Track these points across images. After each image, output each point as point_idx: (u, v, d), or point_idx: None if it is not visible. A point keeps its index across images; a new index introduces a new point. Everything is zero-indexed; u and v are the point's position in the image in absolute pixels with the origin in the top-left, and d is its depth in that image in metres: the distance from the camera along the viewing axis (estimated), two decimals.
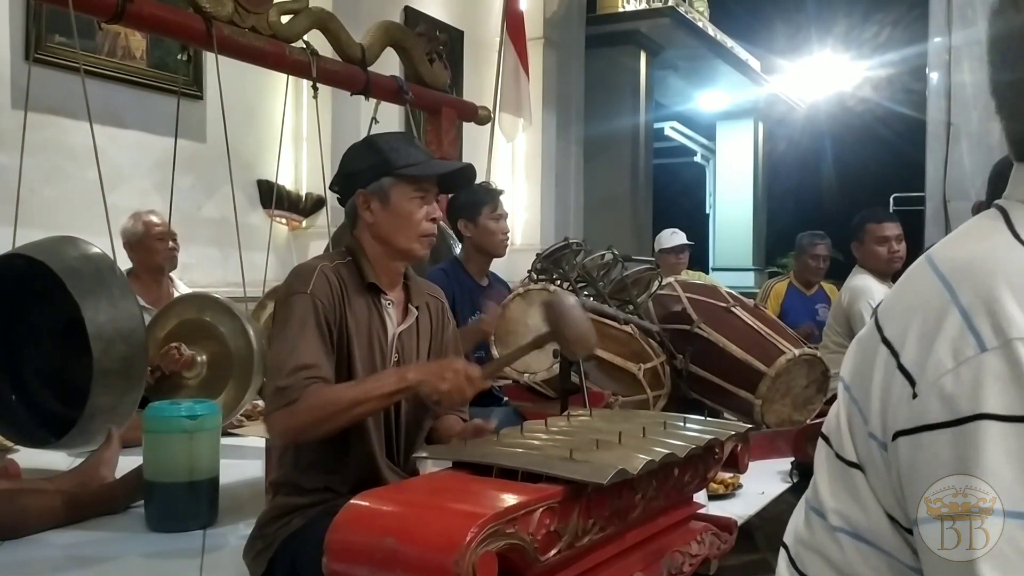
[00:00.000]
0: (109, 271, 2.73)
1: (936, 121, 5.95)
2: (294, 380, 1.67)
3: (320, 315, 1.75)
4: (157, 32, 3.64)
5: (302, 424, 1.68)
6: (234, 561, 1.96)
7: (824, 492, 0.83)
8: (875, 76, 13.81)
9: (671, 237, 5.64)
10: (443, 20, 7.15)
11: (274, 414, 1.70)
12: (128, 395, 2.70)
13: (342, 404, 1.67)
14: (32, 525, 2.37)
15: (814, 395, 3.44)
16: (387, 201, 1.84)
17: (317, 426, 1.69)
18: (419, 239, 1.87)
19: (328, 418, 1.67)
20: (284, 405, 1.67)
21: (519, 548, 1.30)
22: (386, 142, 1.89)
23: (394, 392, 1.70)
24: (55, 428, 2.78)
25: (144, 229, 3.83)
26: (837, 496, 0.81)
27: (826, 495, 0.82)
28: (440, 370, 1.69)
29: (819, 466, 0.86)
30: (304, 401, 1.66)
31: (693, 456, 1.70)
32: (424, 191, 1.86)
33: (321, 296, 1.76)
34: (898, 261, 3.99)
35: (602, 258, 3.64)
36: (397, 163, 1.83)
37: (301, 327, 1.72)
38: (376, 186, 1.84)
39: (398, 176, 1.83)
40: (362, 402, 1.68)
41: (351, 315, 1.81)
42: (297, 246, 5.84)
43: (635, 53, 10.25)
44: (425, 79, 4.35)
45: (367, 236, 1.88)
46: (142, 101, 4.95)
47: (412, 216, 1.85)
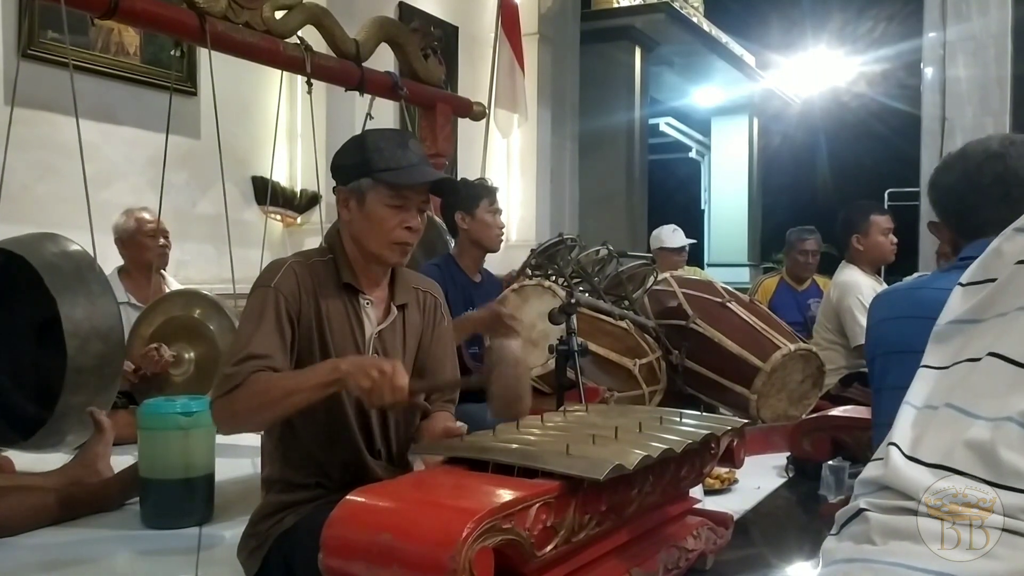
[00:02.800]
0: (88, 268, 2.70)
1: (931, 116, 5.96)
2: (240, 368, 1.64)
3: (281, 309, 1.72)
4: (150, 28, 3.62)
5: (239, 411, 1.64)
6: (230, 558, 1.96)
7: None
8: (870, 71, 13.82)
9: (672, 235, 5.54)
10: (438, 16, 7.14)
11: (216, 400, 1.67)
12: (101, 394, 2.67)
13: (275, 393, 1.63)
14: (25, 523, 2.36)
15: (809, 390, 3.44)
16: (363, 203, 1.80)
17: (253, 414, 1.65)
18: (390, 246, 1.81)
19: (262, 406, 1.64)
20: (226, 392, 1.64)
21: (515, 543, 1.30)
22: (374, 141, 1.82)
23: (326, 383, 1.63)
24: (25, 428, 2.73)
25: (136, 226, 3.82)
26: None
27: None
28: (368, 367, 1.60)
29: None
30: (243, 388, 1.63)
31: (689, 451, 1.70)
32: (403, 199, 1.79)
33: (285, 291, 1.73)
34: (895, 252, 4.03)
35: (597, 254, 3.65)
36: (377, 166, 1.77)
37: (259, 319, 1.70)
38: (355, 185, 1.80)
39: (376, 179, 1.78)
40: (295, 392, 1.63)
41: (324, 313, 1.78)
42: (292, 243, 5.82)
43: (630, 49, 10.24)
44: (420, 75, 4.34)
45: (346, 234, 1.87)
46: (136, 97, 4.93)
47: (385, 222, 1.79)
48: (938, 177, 1.75)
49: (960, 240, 1.72)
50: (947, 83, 5.85)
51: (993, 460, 0.74)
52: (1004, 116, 5.72)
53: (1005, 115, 5.72)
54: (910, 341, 1.52)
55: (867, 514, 0.83)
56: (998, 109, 5.74)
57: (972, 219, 1.67)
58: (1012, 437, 0.74)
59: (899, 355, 1.59)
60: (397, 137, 1.88)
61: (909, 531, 0.77)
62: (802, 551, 2.16)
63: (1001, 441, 0.74)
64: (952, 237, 1.76)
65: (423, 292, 2.00)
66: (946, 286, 1.58)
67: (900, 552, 0.76)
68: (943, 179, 1.73)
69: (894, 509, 0.80)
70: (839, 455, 2.73)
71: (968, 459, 0.76)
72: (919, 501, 0.77)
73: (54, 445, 2.78)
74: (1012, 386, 0.77)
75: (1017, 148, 1.63)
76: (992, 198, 1.62)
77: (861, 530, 0.83)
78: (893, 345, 1.65)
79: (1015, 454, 0.73)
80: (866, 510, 0.83)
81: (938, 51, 5.90)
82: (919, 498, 0.77)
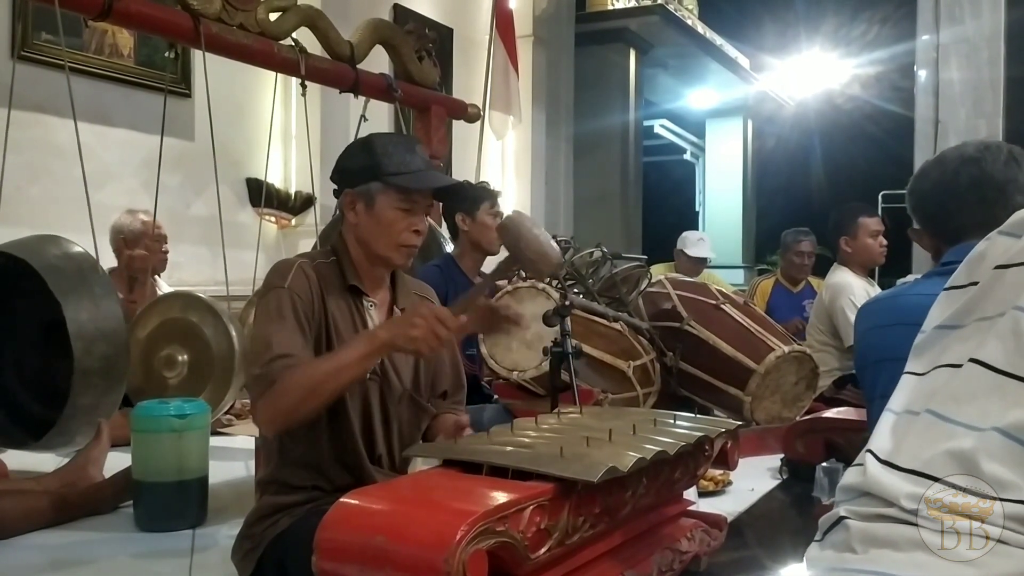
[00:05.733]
0: (91, 270, 2.71)
1: (924, 118, 5.98)
2: (270, 367, 1.65)
3: (298, 309, 1.73)
4: (144, 29, 3.62)
5: (285, 406, 1.65)
6: (223, 561, 1.96)
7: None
8: (863, 74, 13.86)
9: (696, 245, 5.57)
10: (432, 18, 7.14)
11: (256, 403, 1.68)
12: (109, 395, 2.67)
13: (318, 377, 1.64)
14: (18, 526, 2.35)
15: (803, 392, 3.45)
16: (372, 205, 1.82)
17: (300, 405, 1.66)
18: (398, 248, 1.84)
19: (309, 395, 1.65)
20: (263, 392, 1.65)
21: (509, 546, 1.30)
22: (382, 145, 1.84)
23: (368, 353, 1.67)
24: (34, 429, 2.75)
25: (142, 228, 3.82)
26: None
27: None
28: (407, 320, 1.66)
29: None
30: (281, 384, 1.64)
31: (683, 453, 1.70)
32: (411, 202, 1.82)
33: (299, 291, 1.75)
34: (884, 255, 4.03)
35: (591, 256, 3.64)
36: (387, 169, 1.80)
37: (279, 320, 1.71)
38: (364, 188, 1.82)
39: (386, 183, 1.80)
40: (338, 371, 1.65)
41: (330, 315, 1.79)
42: (286, 244, 5.81)
43: (624, 51, 10.25)
44: (414, 77, 4.34)
45: (351, 236, 1.88)
46: (130, 99, 4.92)
47: (394, 225, 1.82)
48: (916, 184, 1.76)
49: (941, 245, 1.73)
50: (940, 85, 5.87)
51: (974, 469, 0.73)
52: (997, 119, 5.74)
53: (998, 117, 5.74)
54: (896, 349, 1.51)
55: (847, 522, 0.82)
56: (991, 111, 5.76)
57: (951, 224, 1.68)
58: (994, 446, 0.73)
59: (887, 363, 1.59)
60: (404, 142, 1.91)
61: (889, 538, 0.76)
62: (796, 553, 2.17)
63: (983, 450, 0.74)
64: (933, 243, 1.77)
65: (420, 297, 2.02)
66: (928, 291, 1.59)
67: (882, 560, 0.76)
68: (920, 185, 1.74)
69: (873, 516, 0.80)
70: (833, 457, 2.73)
71: (948, 467, 0.75)
72: (899, 507, 0.77)
73: (64, 446, 2.79)
74: (992, 393, 0.77)
75: (992, 153, 1.65)
76: (969, 202, 1.64)
77: (842, 538, 0.82)
78: (880, 354, 1.65)
79: (996, 464, 0.72)
80: (846, 518, 0.83)
81: (931, 54, 5.92)
82: (898, 504, 0.77)
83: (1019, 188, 1.63)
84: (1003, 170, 1.63)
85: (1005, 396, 0.76)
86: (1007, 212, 1.59)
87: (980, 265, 0.89)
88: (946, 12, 5.83)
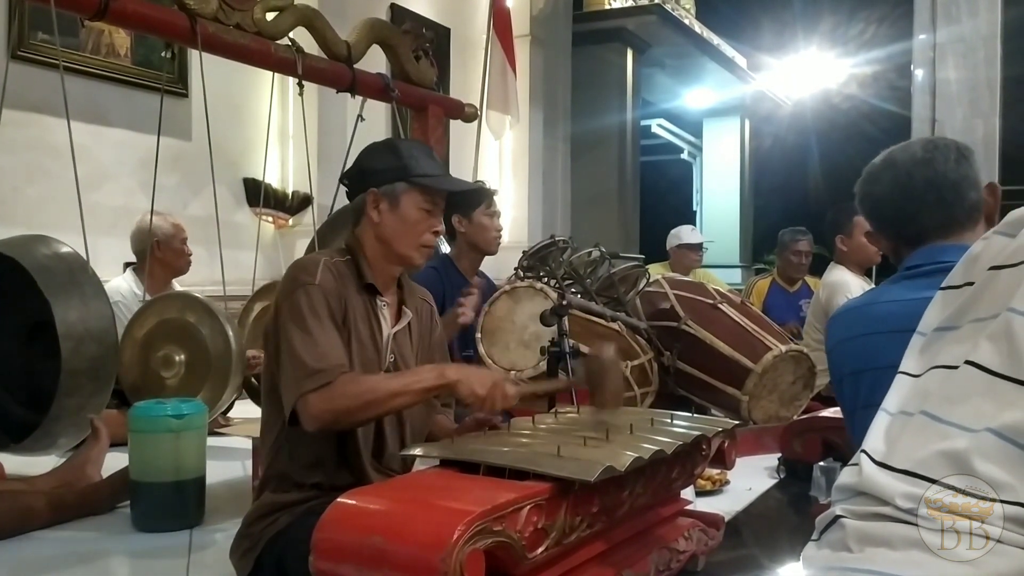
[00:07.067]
0: (81, 270, 2.69)
1: (921, 118, 5.98)
2: (327, 365, 1.68)
3: (331, 306, 1.77)
4: (141, 29, 3.61)
5: (342, 408, 1.68)
6: (221, 560, 1.96)
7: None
8: (860, 73, 13.88)
9: (691, 233, 5.75)
10: (429, 17, 7.14)
11: (308, 396, 1.68)
12: (95, 397, 2.66)
13: (380, 393, 1.70)
14: (15, 526, 2.35)
15: (800, 391, 3.45)
16: (397, 205, 1.87)
17: (355, 412, 1.70)
18: (419, 248, 1.90)
19: (367, 406, 1.69)
20: (318, 388, 1.67)
21: (506, 545, 1.30)
22: (407, 148, 1.93)
23: (432, 387, 1.73)
24: (14, 432, 2.72)
25: (173, 231, 3.84)
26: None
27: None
28: (482, 377, 1.75)
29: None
30: (341, 386, 1.67)
31: (681, 453, 1.70)
32: (433, 204, 1.90)
33: (328, 288, 1.78)
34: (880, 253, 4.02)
35: (589, 255, 3.65)
36: (415, 171, 1.87)
37: (318, 318, 1.73)
38: (389, 188, 1.87)
39: (413, 184, 1.87)
40: (401, 394, 1.71)
41: (351, 312, 1.82)
42: (284, 244, 5.81)
43: (622, 50, 10.26)
44: (411, 76, 4.33)
45: (370, 236, 1.90)
46: (127, 99, 4.91)
47: (418, 225, 1.88)
48: (868, 188, 1.72)
49: (902, 248, 1.71)
50: (937, 85, 5.87)
51: (968, 469, 0.74)
52: (994, 118, 5.75)
53: (995, 117, 5.75)
54: (875, 358, 1.51)
55: (843, 521, 0.83)
56: (988, 111, 5.77)
57: (911, 227, 1.66)
58: (987, 447, 0.74)
59: (866, 373, 1.58)
60: (423, 147, 2.01)
61: (885, 537, 0.77)
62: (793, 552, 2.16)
63: (976, 451, 0.74)
64: (892, 245, 1.74)
65: (420, 300, 2.05)
66: (900, 297, 1.59)
67: (878, 559, 0.76)
68: (873, 190, 1.71)
69: (869, 515, 0.80)
70: (830, 456, 2.74)
71: (941, 467, 0.76)
72: (894, 506, 0.77)
73: (46, 448, 2.77)
74: (986, 395, 0.77)
75: (942, 152, 1.64)
76: (928, 204, 1.62)
77: (838, 537, 0.83)
78: (858, 364, 1.63)
79: (991, 464, 0.73)
80: (842, 516, 0.83)
81: (928, 53, 5.92)
82: (893, 503, 0.77)
83: (971, 184, 1.63)
84: (955, 168, 1.62)
85: (998, 397, 0.76)
86: (964, 209, 1.61)
87: (975, 265, 0.90)
88: (943, 11, 5.83)
